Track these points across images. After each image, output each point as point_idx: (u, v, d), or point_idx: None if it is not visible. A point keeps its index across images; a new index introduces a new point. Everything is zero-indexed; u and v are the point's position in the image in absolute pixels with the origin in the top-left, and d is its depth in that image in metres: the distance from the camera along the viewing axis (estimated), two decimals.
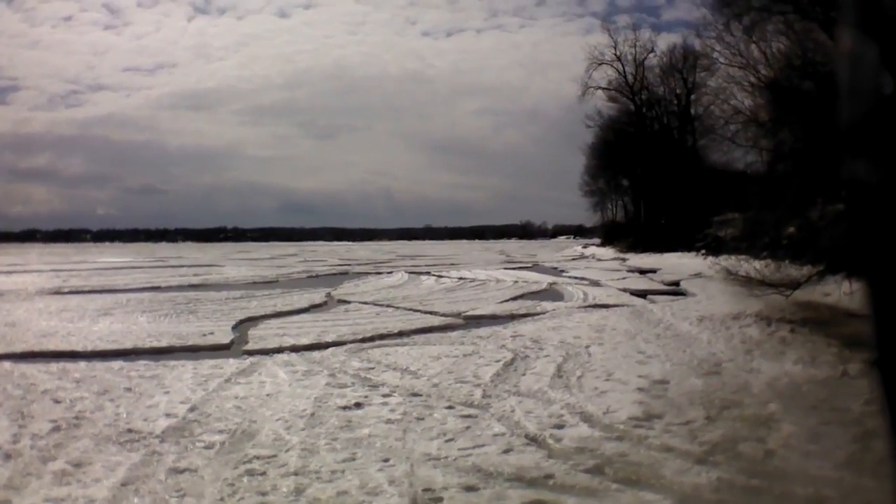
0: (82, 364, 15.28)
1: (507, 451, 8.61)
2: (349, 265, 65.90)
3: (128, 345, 18.24)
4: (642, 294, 30.96)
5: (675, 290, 33.34)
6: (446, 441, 9.09)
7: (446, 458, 8.42)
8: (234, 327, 21.45)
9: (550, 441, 8.97)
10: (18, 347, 17.96)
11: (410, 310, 25.81)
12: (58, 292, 35.50)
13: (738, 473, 7.63)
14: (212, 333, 20.03)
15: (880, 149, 1.41)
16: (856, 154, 1.47)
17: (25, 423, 10.39)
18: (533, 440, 9.07)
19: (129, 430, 9.95)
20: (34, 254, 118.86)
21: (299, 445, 9.04)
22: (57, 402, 11.78)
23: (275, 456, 8.66)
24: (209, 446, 9.14)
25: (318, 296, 31.96)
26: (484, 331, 19.51)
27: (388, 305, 27.50)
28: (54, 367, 14.94)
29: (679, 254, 53.88)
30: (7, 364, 15.31)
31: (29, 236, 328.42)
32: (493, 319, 22.91)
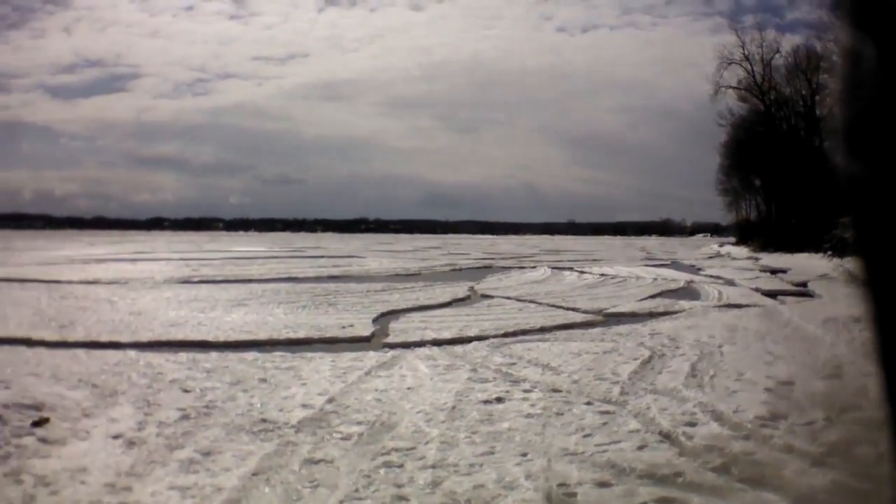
0: (214, 354, 15.33)
1: (641, 448, 8.70)
2: (493, 259, 65.92)
3: (263, 336, 18.42)
4: (772, 294, 30.66)
5: (802, 291, 32.98)
6: (584, 436, 9.17)
7: (583, 453, 8.48)
8: (375, 320, 21.41)
9: (682, 438, 9.04)
10: (144, 336, 18.06)
11: (553, 306, 25.83)
12: (187, 281, 35.71)
13: (852, 477, 7.59)
14: (352, 326, 20.03)
15: (880, 148, 1.37)
16: (855, 153, 1.43)
17: (151, 412, 10.49)
18: (666, 437, 9.14)
19: (263, 420, 10.06)
20: (162, 242, 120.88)
21: (439, 438, 9.13)
22: (186, 391, 11.86)
23: (413, 448, 8.75)
24: (347, 437, 9.27)
25: (461, 289, 31.94)
26: (623, 328, 19.54)
27: (531, 301, 27.48)
28: (183, 356, 14.98)
29: (808, 254, 53.46)
30: (132, 353, 15.40)
31: (156, 224, 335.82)
32: (633, 317, 22.91)
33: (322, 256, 68.08)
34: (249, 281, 36.52)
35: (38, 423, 9.75)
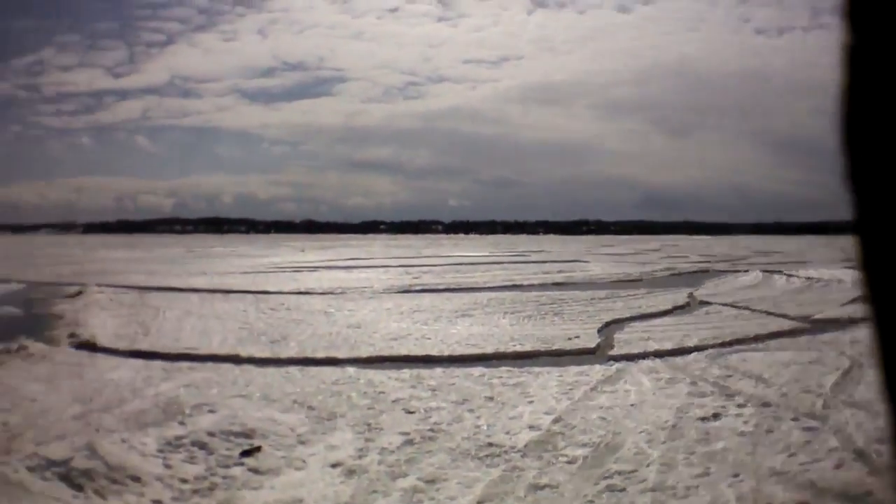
0: (438, 371, 15.45)
1: (838, 467, 8.96)
2: (708, 262, 66.04)
3: (489, 349, 18.50)
4: None
5: None
6: (789, 456, 9.42)
7: (787, 472, 8.77)
8: (600, 330, 21.53)
9: (874, 456, 9.23)
10: (364, 352, 18.14)
11: (765, 312, 25.98)
12: (408, 291, 35.86)
13: None
14: (577, 337, 20.09)
15: (879, 146, 1.46)
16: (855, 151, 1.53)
17: (372, 437, 10.62)
18: (860, 455, 9.34)
19: (489, 444, 10.14)
20: (378, 246, 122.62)
21: (659, 460, 9.35)
22: (409, 412, 11.97)
23: (635, 471, 8.96)
24: (572, 461, 9.38)
25: (680, 296, 31.85)
26: (827, 336, 19.82)
27: (746, 307, 27.64)
28: (406, 373, 15.10)
29: None
30: (351, 370, 15.60)
31: (371, 228, 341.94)
32: (836, 324, 22.80)
33: (545, 261, 68.38)
34: (474, 290, 36.49)
35: (249, 453, 9.83)
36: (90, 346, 18.88)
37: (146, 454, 9.47)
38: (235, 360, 17.08)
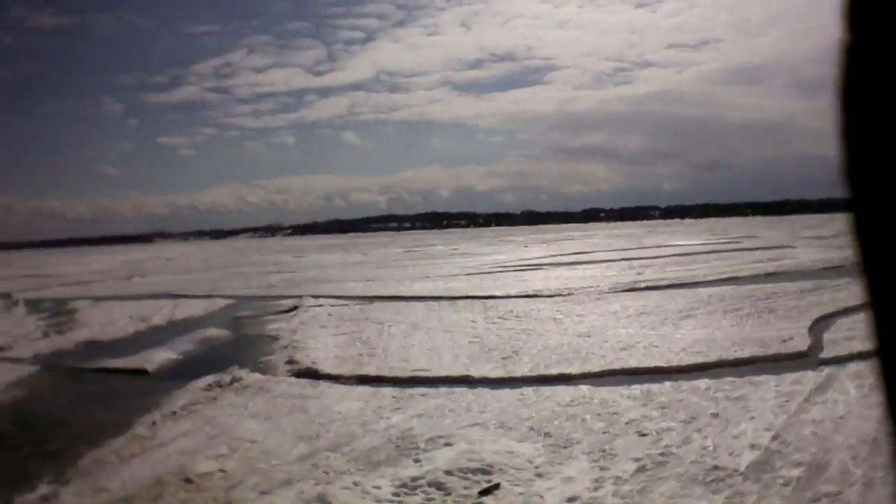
0: (667, 385, 15.25)
1: None
2: None
3: (712, 357, 18.17)
4: None
5: None
6: None
7: None
8: (811, 329, 21.10)
9: None
10: (595, 365, 17.79)
11: None
12: (633, 289, 35.45)
13: None
14: (791, 338, 19.67)
15: (879, 148, 1.49)
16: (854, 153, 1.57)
17: (607, 465, 10.60)
18: None
19: (715, 468, 10.19)
20: (599, 237, 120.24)
21: (861, 479, 9.40)
22: (642, 435, 11.93)
23: (840, 492, 9.07)
24: (786, 483, 9.48)
25: None
26: None
27: None
28: (637, 389, 14.96)
29: None
30: (584, 388, 15.38)
31: (591, 216, 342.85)
32: None
33: (756, 248, 66.76)
34: (695, 285, 35.65)
35: (487, 491, 9.71)
36: (312, 374, 18.52)
37: (381, 499, 9.70)
38: (468, 381, 16.90)
